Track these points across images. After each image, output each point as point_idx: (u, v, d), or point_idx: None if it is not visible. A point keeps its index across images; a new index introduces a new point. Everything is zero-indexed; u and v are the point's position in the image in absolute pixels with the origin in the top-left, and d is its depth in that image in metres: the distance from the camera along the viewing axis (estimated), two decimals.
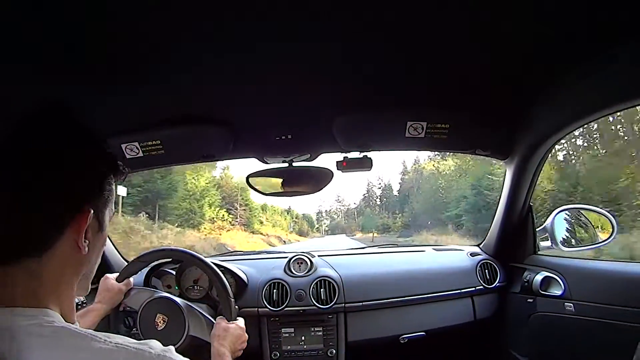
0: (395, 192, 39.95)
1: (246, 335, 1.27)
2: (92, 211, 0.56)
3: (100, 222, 0.60)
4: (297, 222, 39.80)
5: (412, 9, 0.80)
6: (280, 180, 1.54)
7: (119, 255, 1.85)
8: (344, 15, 0.81)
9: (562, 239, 1.60)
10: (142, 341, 0.56)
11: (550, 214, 1.63)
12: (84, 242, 0.56)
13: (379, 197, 41.06)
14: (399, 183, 38.96)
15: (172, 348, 0.57)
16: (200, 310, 1.36)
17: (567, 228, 1.63)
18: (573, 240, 1.63)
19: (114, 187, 0.62)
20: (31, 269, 0.53)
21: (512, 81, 1.16)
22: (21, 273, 0.53)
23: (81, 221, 0.55)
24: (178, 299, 1.36)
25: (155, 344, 0.56)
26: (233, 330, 1.22)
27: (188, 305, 1.36)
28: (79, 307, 1.60)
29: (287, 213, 38.36)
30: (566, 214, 1.65)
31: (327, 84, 1.15)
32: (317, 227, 43.64)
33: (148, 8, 0.75)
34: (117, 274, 1.38)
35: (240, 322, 1.28)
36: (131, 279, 1.39)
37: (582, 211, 1.67)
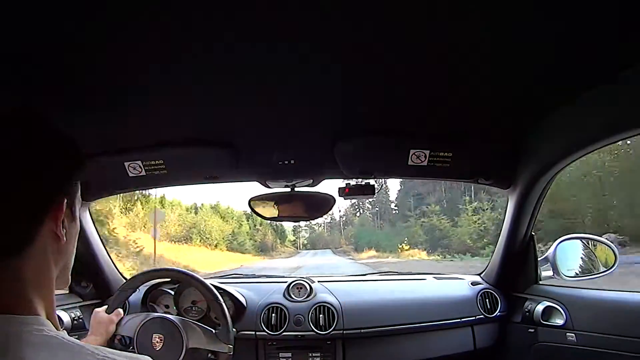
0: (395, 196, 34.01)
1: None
2: (65, 200, 0.57)
3: (72, 212, 0.61)
4: (259, 231, 30.95)
5: (414, 38, 0.81)
6: (282, 205, 1.54)
7: (118, 273, 1.85)
8: (344, 43, 0.82)
9: (563, 269, 1.59)
10: (134, 354, 0.56)
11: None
12: (62, 231, 0.57)
13: (371, 202, 34.04)
14: (401, 182, 31.62)
15: None
16: (195, 322, 1.36)
17: (568, 258, 1.62)
18: (575, 270, 1.62)
19: (80, 177, 0.63)
20: (14, 268, 0.52)
21: (514, 110, 1.17)
22: (3, 275, 0.52)
23: (57, 211, 0.56)
24: (171, 316, 1.35)
25: (146, 358, 0.57)
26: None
27: (182, 319, 1.36)
28: (75, 322, 1.60)
29: (248, 220, 30.12)
30: (568, 243, 1.65)
31: (328, 110, 1.15)
32: (293, 242, 37.88)
33: (146, 29, 0.75)
34: (106, 306, 1.37)
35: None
36: (120, 309, 1.37)
37: (583, 241, 1.66)
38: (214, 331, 1.35)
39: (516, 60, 0.90)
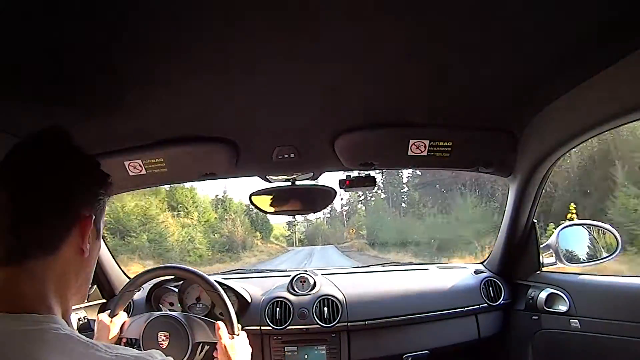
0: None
1: (250, 348, 1.28)
2: (94, 216, 0.62)
3: (97, 229, 0.65)
4: (230, 219, 21.50)
5: (411, 28, 0.80)
6: (283, 199, 1.54)
7: (121, 272, 1.85)
8: (342, 36, 0.81)
9: (566, 255, 1.60)
10: (143, 351, 0.59)
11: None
12: (87, 246, 0.61)
13: (381, 185, 25.07)
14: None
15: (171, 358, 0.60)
16: (200, 317, 1.37)
17: (571, 244, 1.62)
18: (577, 256, 1.63)
19: (105, 198, 0.67)
20: (37, 273, 0.56)
21: (513, 99, 1.16)
22: (25, 275, 0.56)
23: (85, 226, 0.60)
24: (174, 313, 1.36)
25: (156, 353, 0.59)
26: (240, 345, 1.24)
27: (185, 315, 1.37)
28: (80, 322, 1.61)
29: (220, 205, 22.74)
30: (570, 230, 1.65)
31: (328, 102, 1.15)
32: (288, 237, 32.59)
33: (145, 28, 0.75)
34: (109, 310, 1.38)
35: (243, 335, 1.29)
36: (123, 312, 1.38)
37: (586, 227, 1.67)
38: None
39: (515, 48, 0.90)
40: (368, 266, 2.12)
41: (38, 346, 0.50)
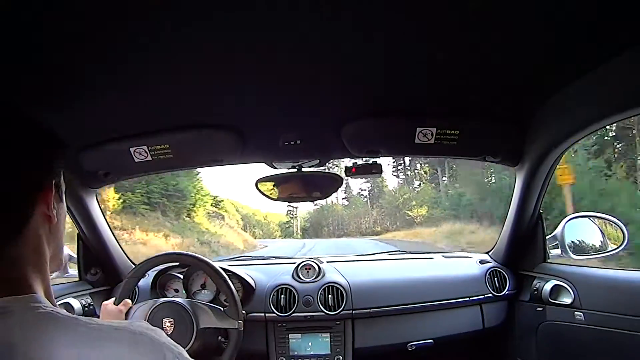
0: None
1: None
2: (54, 182, 0.61)
3: (59, 194, 0.65)
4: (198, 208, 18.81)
5: (419, 15, 0.80)
6: (289, 186, 1.54)
7: (127, 259, 1.86)
8: (347, 23, 0.81)
9: (572, 247, 1.59)
10: (129, 322, 0.60)
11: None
12: (53, 212, 0.60)
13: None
14: None
15: (157, 329, 0.59)
16: (204, 302, 1.37)
17: (577, 236, 1.62)
18: (583, 248, 1.62)
19: (61, 158, 0.67)
20: (11, 253, 0.56)
21: (521, 88, 1.16)
22: (3, 262, 0.55)
23: (47, 194, 0.60)
24: (179, 299, 1.37)
25: (141, 324, 0.59)
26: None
27: (190, 301, 1.38)
28: (85, 309, 1.62)
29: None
30: (576, 221, 1.64)
31: (335, 89, 1.14)
32: (286, 224, 26.72)
33: (148, 13, 0.75)
34: (114, 298, 1.39)
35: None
36: (128, 300, 1.38)
37: (592, 219, 1.66)
38: (222, 309, 1.36)
39: (523, 37, 0.89)
40: (373, 254, 2.12)
41: (17, 326, 0.51)
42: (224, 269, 1.48)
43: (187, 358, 0.57)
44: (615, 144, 13.07)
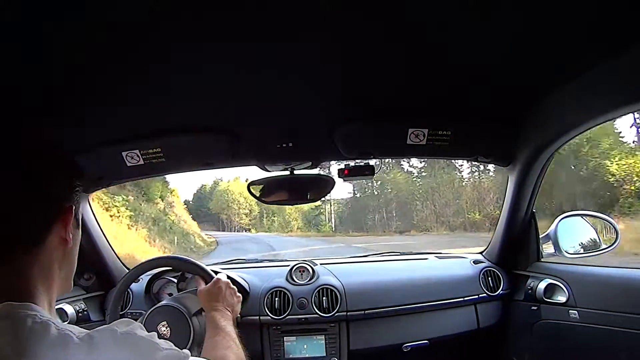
0: None
1: (233, 286, 1.29)
2: (73, 207, 0.64)
3: (77, 220, 0.68)
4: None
5: (410, 17, 0.80)
6: (281, 188, 1.53)
7: (120, 263, 1.85)
8: (340, 25, 0.82)
9: (565, 246, 1.60)
10: (117, 324, 0.60)
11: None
12: (69, 236, 0.63)
13: None
14: None
15: (136, 326, 0.60)
16: (185, 291, 1.39)
17: (570, 235, 1.62)
18: (577, 247, 1.63)
19: (81, 188, 0.70)
20: (22, 267, 0.58)
21: (513, 88, 1.16)
22: (13, 272, 0.57)
23: (66, 217, 0.63)
24: (163, 302, 1.34)
25: (124, 322, 0.60)
26: (217, 286, 1.25)
27: (173, 298, 1.36)
28: (79, 315, 1.61)
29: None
30: (569, 220, 1.65)
31: (326, 91, 1.15)
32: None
33: (142, 20, 0.76)
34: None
35: (222, 275, 1.31)
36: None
37: (585, 217, 1.67)
38: None
39: (515, 38, 0.89)
40: (366, 255, 2.11)
41: (11, 337, 0.52)
42: (215, 272, 1.47)
43: (176, 349, 0.60)
44: None
